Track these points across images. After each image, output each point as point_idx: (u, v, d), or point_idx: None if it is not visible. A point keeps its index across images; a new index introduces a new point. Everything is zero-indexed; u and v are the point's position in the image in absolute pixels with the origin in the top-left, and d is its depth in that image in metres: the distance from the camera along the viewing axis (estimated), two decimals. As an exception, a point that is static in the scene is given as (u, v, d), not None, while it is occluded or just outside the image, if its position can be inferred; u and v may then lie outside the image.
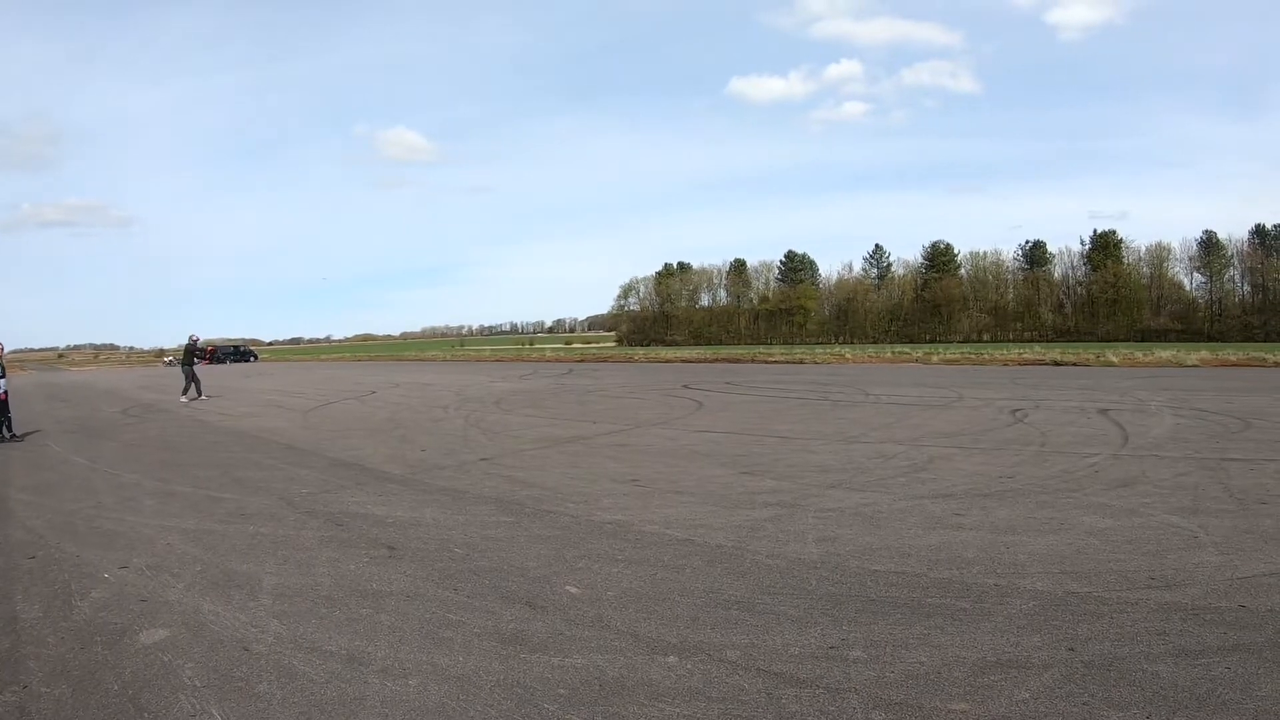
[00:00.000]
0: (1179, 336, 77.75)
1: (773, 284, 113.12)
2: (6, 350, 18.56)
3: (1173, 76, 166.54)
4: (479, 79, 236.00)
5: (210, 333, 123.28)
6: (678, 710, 3.99)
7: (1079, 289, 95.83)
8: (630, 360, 57.90)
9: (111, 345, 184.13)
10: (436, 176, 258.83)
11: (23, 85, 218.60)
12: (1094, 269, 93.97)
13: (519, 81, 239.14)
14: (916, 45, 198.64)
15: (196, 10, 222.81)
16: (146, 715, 4.18)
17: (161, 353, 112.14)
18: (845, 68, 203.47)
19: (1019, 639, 4.70)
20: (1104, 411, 15.80)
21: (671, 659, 4.62)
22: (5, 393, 17.47)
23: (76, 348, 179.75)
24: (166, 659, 4.90)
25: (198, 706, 4.23)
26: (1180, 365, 32.09)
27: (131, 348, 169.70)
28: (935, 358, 42.42)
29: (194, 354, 28.24)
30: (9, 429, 17.26)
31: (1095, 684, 4.06)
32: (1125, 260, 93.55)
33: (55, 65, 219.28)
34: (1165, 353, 38.51)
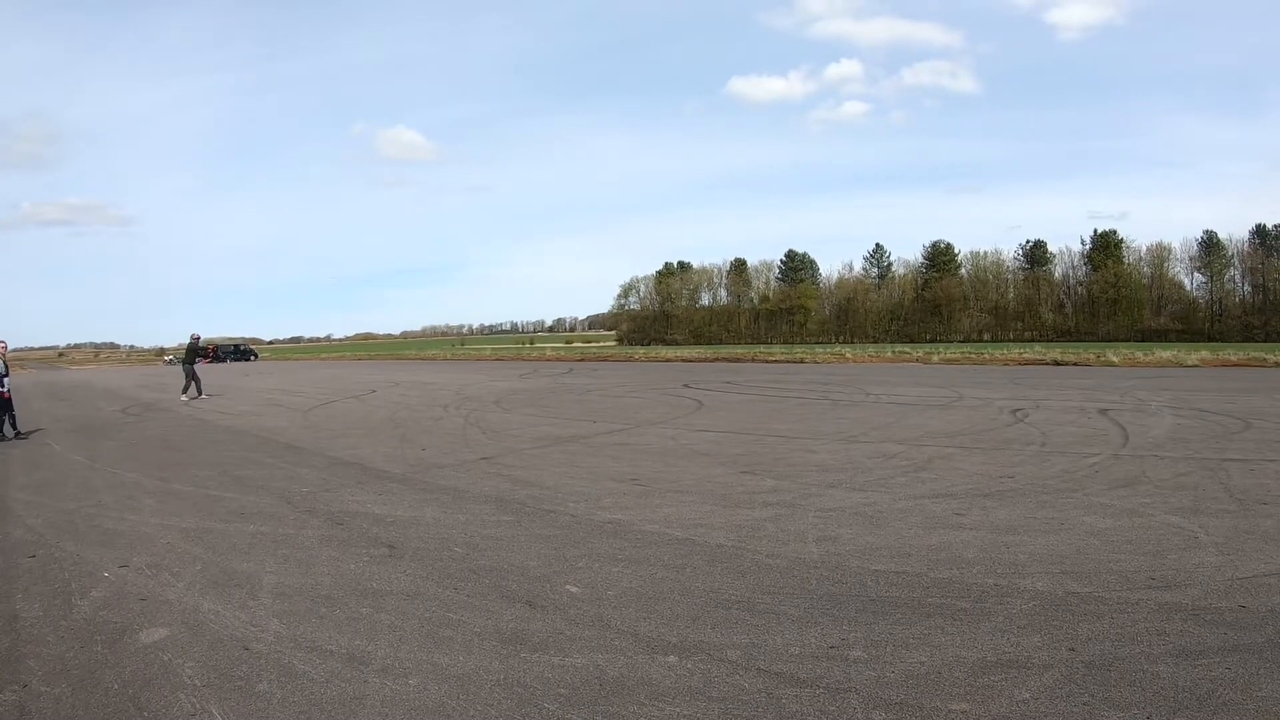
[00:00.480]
0: (1179, 336, 77.71)
1: (773, 283, 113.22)
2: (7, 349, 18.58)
3: (1173, 76, 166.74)
4: (479, 78, 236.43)
5: (211, 331, 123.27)
6: (678, 710, 4.00)
7: (1079, 289, 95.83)
8: (630, 359, 57.94)
9: (111, 344, 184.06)
10: (437, 176, 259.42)
11: (22, 85, 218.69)
12: (1094, 269, 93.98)
13: (519, 81, 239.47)
14: (916, 45, 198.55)
15: (196, 10, 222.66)
16: (146, 714, 4.18)
17: (161, 351, 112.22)
18: (845, 68, 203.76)
19: (1019, 639, 4.70)
20: (1104, 411, 15.82)
21: (672, 659, 4.62)
22: (9, 391, 17.55)
23: (76, 346, 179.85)
24: (166, 658, 4.90)
25: (198, 705, 4.24)
26: (1180, 365, 32.11)
27: (132, 347, 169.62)
28: (935, 357, 42.43)
29: (196, 352, 28.22)
30: (13, 426, 17.30)
31: (1096, 684, 4.06)
32: (1126, 260, 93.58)
33: (55, 65, 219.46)
34: (1165, 353, 38.49)
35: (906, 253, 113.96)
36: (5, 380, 17.45)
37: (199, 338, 28.81)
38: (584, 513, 8.45)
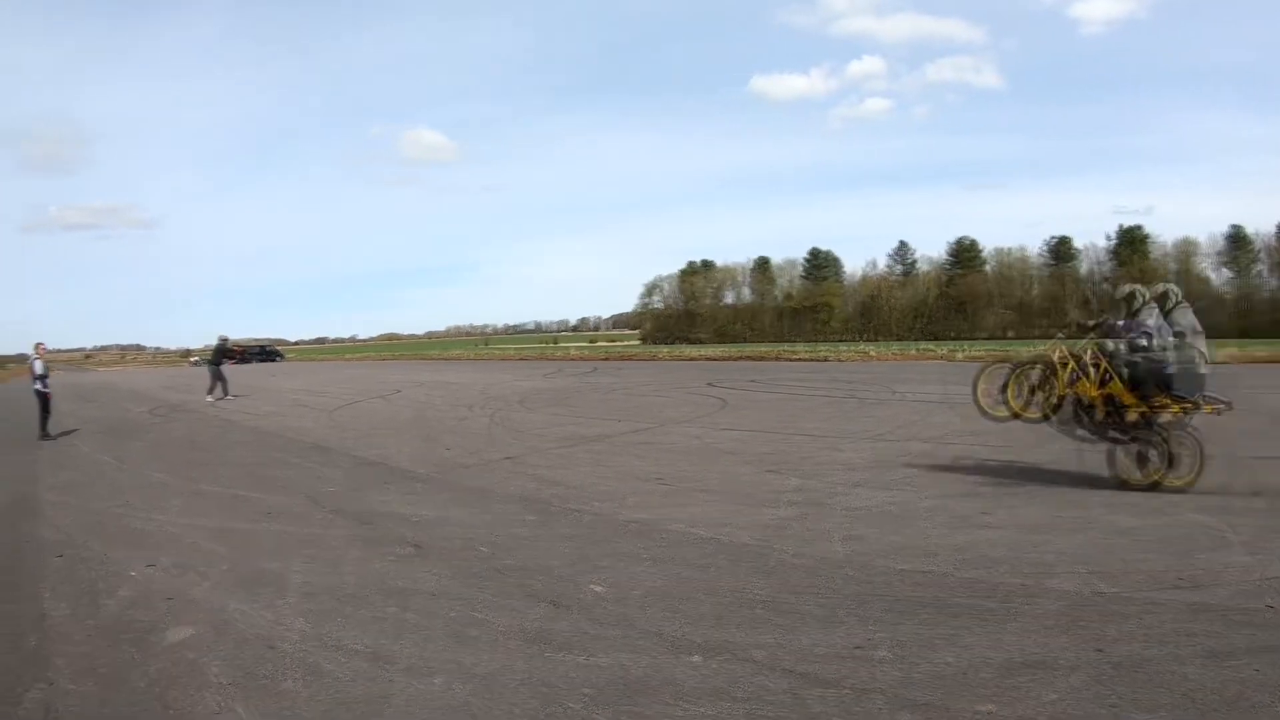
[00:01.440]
0: (1206, 332, 76.85)
1: (797, 281, 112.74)
2: (41, 351, 18.97)
3: (1198, 70, 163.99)
4: (499, 78, 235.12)
5: (236, 333, 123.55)
6: (702, 710, 3.99)
7: (1105, 285, 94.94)
8: (654, 358, 57.72)
9: (138, 346, 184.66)
10: (459, 175, 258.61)
11: (44, 88, 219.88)
12: (1120, 264, 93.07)
13: (539, 80, 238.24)
14: (939, 41, 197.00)
15: (217, 11, 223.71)
16: (172, 712, 4.22)
17: (187, 353, 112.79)
18: (867, 64, 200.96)
19: (1046, 640, 4.67)
20: (1131, 409, 15.66)
21: (696, 658, 4.62)
22: (50, 390, 18.08)
23: (103, 348, 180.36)
24: (193, 657, 4.94)
25: (223, 704, 4.27)
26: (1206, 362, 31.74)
27: (158, 348, 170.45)
28: (960, 355, 42.16)
29: (224, 354, 28.39)
30: (44, 428, 17.50)
31: (1123, 685, 4.03)
32: (1151, 256, 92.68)
33: (77, 68, 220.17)
34: (1193, 349, 38.05)
35: (931, 250, 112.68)
36: (47, 380, 18.05)
37: (227, 339, 29.03)
38: (609, 512, 8.46)
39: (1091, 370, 9.28)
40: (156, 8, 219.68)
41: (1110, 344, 9.32)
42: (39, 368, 18.08)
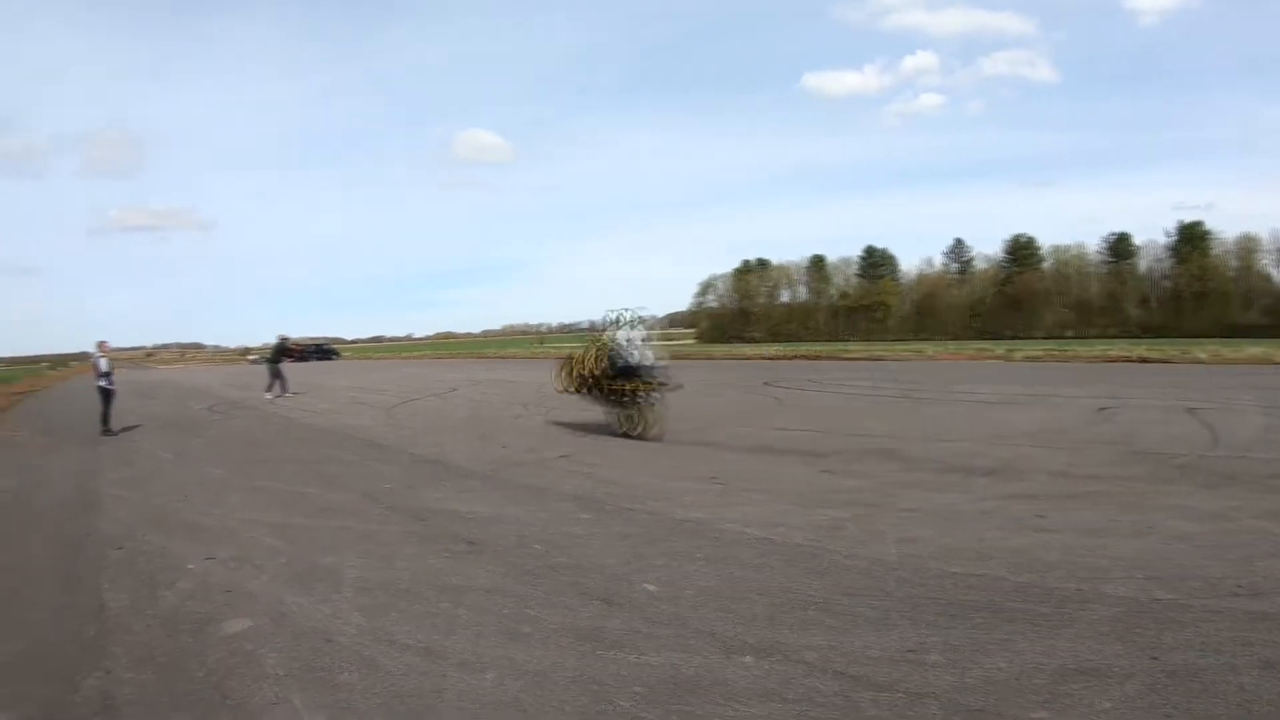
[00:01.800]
0: (1269, 332, 75.14)
1: (852, 280, 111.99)
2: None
3: (1258, 62, 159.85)
4: (552, 77, 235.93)
5: (294, 331, 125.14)
6: (753, 711, 4.00)
7: (1165, 283, 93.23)
8: (709, 357, 57.55)
9: (197, 344, 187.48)
10: (514, 175, 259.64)
11: (107, 94, 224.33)
12: (1180, 262, 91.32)
13: (592, 78, 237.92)
14: (991, 34, 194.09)
15: (274, 16, 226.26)
16: (230, 701, 4.31)
17: (246, 351, 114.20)
18: (920, 59, 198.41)
19: (1101, 646, 4.62)
20: (1191, 410, 15.30)
21: (748, 659, 4.62)
22: (114, 389, 18.76)
23: (164, 347, 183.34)
24: (250, 648, 5.04)
25: (280, 694, 4.36)
26: (1270, 362, 31.02)
27: (217, 346, 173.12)
28: (1018, 354, 41.65)
29: (283, 352, 28.72)
30: (104, 423, 17.88)
31: (1178, 695, 3.98)
32: (1212, 252, 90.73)
33: (139, 73, 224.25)
34: (1254, 349, 37.21)
35: (987, 247, 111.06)
36: (111, 377, 18.77)
37: (286, 338, 29.38)
38: (663, 511, 8.47)
39: (592, 361, 15.02)
40: (216, 13, 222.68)
41: (608, 344, 14.92)
42: (103, 365, 18.62)
